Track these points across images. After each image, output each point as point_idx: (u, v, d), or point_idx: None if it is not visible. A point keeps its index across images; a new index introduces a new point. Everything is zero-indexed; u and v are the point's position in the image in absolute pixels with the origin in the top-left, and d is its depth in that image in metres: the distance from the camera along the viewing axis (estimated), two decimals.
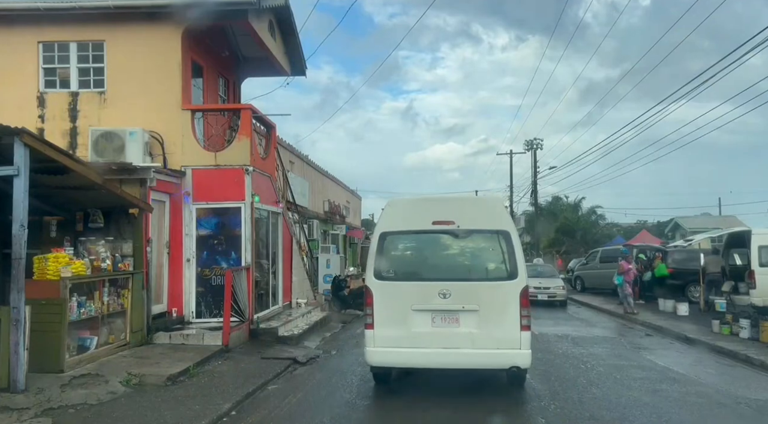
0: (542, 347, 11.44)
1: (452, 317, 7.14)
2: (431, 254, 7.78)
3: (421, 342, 7.12)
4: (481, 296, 7.17)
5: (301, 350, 10.38)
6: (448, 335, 7.12)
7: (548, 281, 21.10)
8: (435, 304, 7.13)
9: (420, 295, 7.23)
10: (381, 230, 7.55)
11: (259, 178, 11.81)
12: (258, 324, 11.18)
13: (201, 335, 9.93)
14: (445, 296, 7.13)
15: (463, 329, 7.10)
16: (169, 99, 11.20)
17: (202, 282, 11.15)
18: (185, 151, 11.22)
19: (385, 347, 7.19)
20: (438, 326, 7.16)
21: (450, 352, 7.13)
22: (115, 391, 6.96)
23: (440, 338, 7.13)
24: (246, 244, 11.18)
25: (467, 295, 7.15)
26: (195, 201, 11.19)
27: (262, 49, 13.76)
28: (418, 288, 7.32)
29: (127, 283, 9.21)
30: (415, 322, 7.15)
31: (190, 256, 11.15)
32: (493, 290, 7.24)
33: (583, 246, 40.93)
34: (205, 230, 11.30)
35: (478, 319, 7.08)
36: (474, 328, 7.07)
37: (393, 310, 7.22)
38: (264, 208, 12.23)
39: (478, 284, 7.29)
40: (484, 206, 8.11)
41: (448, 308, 7.13)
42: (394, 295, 7.28)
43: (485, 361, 7.19)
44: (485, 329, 7.06)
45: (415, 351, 7.15)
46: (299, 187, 19.97)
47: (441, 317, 7.16)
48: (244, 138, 11.28)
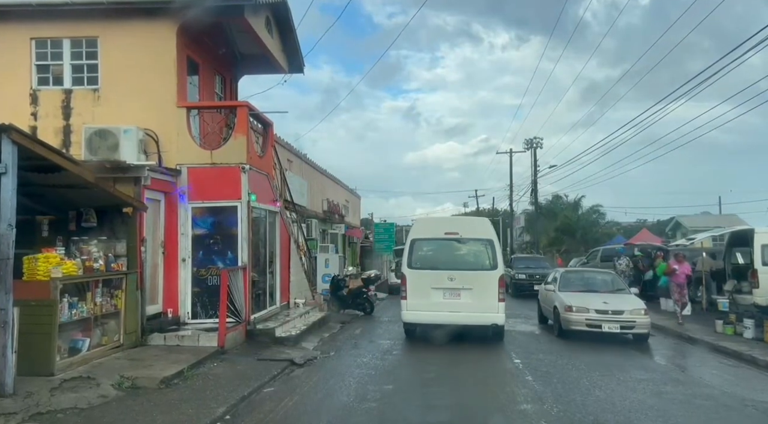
0: (544, 349, 11.30)
1: (456, 293, 11.31)
2: (443, 253, 11.84)
3: (436, 308, 11.29)
4: (475, 280, 11.33)
5: (298, 352, 10.21)
6: (453, 304, 11.26)
7: (619, 301, 12.17)
8: (445, 284, 11.31)
9: (436, 278, 11.39)
10: (411, 238, 12.02)
11: (256, 177, 11.64)
12: (255, 325, 11.00)
13: (196, 336, 9.75)
14: (452, 279, 11.31)
15: (463, 300, 11.26)
16: (165, 96, 11.02)
17: (197, 282, 10.97)
18: (181, 149, 11.03)
19: (414, 311, 11.47)
20: (447, 298, 11.32)
21: (454, 314, 11.28)
22: (107, 394, 6.78)
23: (448, 306, 11.26)
24: (242, 243, 11.01)
25: (466, 279, 11.31)
26: (191, 200, 11.01)
27: (259, 47, 13.58)
28: (435, 274, 11.44)
29: (121, 283, 9.04)
30: (432, 295, 11.34)
31: (186, 255, 10.97)
32: (482, 276, 11.38)
33: (583, 245, 40.75)
34: (200, 229, 11.12)
35: (472, 294, 11.24)
36: (470, 300, 11.25)
37: (419, 287, 11.39)
38: (261, 207, 12.06)
39: (472, 273, 11.42)
40: (477, 223, 13.06)
41: (453, 287, 11.30)
42: (419, 278, 11.47)
43: (476, 320, 11.33)
44: (476, 301, 11.23)
45: (432, 314, 11.36)
46: (298, 186, 19.79)
47: (449, 293, 11.34)
48: (240, 136, 11.10)
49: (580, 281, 13.88)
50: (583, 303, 12.01)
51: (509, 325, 12.85)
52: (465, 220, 15.64)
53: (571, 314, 11.93)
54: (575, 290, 13.10)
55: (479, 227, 12.27)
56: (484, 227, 12.19)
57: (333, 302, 17.49)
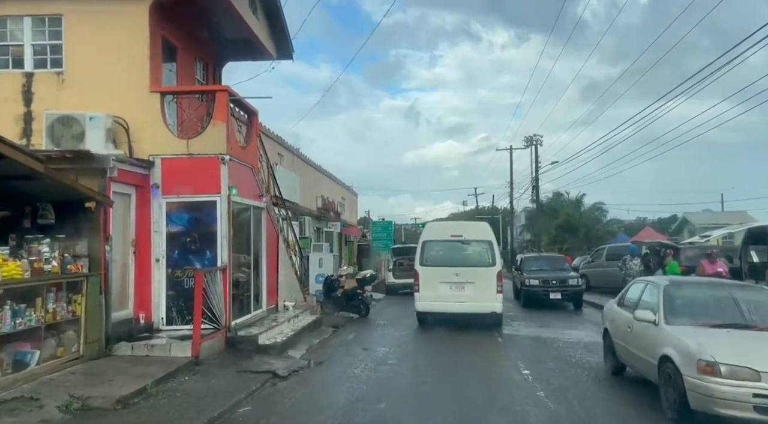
0: (555, 355, 10.29)
1: (461, 286, 12.97)
2: (450, 253, 13.60)
3: (444, 299, 12.94)
4: (476, 275, 13.02)
5: (282, 362, 9.21)
6: (458, 295, 12.92)
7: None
8: (452, 279, 12.96)
9: (444, 274, 13.04)
10: (422, 240, 13.97)
11: (237, 169, 10.64)
12: (236, 331, 10.01)
13: (168, 345, 8.75)
14: (457, 275, 12.99)
15: (467, 293, 12.93)
16: (136, 81, 10.01)
17: (173, 285, 9.97)
18: (154, 138, 10.03)
19: (425, 302, 13.19)
20: (453, 291, 12.94)
21: (459, 304, 12.91)
22: (50, 419, 5.79)
23: (454, 297, 12.91)
24: (222, 241, 10.01)
25: (469, 274, 13.01)
26: (165, 194, 10.01)
27: (243, 30, 12.61)
28: (443, 270, 13.11)
29: (81, 287, 8.04)
30: (440, 288, 12.98)
31: (160, 255, 9.97)
32: (483, 272, 13.06)
33: (586, 243, 39.79)
34: (176, 227, 10.12)
35: (474, 287, 12.92)
36: (472, 292, 12.90)
37: (429, 282, 13.11)
38: (244, 203, 11.06)
39: (474, 269, 13.14)
40: (478, 227, 14.87)
41: (458, 281, 12.97)
42: (430, 274, 13.20)
43: (478, 309, 12.93)
44: (478, 292, 12.88)
45: (441, 303, 13.01)
46: (289, 182, 18.80)
47: (455, 286, 12.97)
48: (219, 123, 10.09)
49: (707, 304, 7.44)
50: (742, 356, 5.82)
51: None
52: (468, 224, 17.20)
53: (714, 380, 5.69)
54: (702, 322, 6.82)
55: (480, 230, 14.33)
56: (484, 230, 14.28)
57: (326, 304, 16.52)
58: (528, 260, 21.08)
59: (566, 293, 17.51)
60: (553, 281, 17.71)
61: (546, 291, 17.52)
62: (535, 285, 17.79)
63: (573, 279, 18.02)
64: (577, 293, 17.73)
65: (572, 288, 17.64)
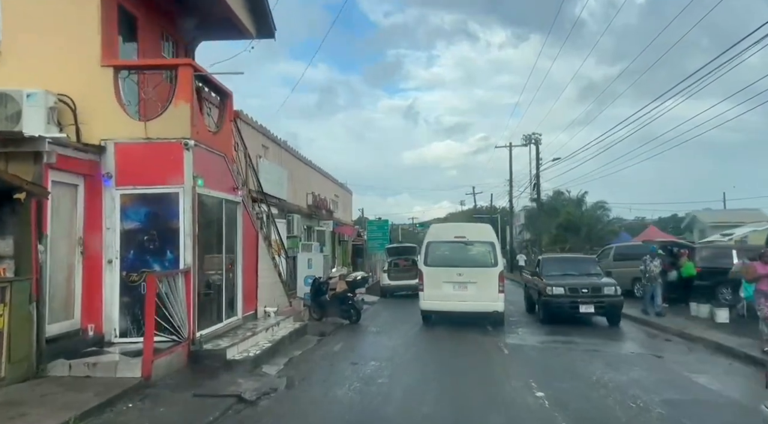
0: (568, 370, 8.91)
1: (464, 286, 13.28)
2: (453, 253, 13.89)
3: (448, 298, 13.27)
4: (479, 275, 13.32)
5: (253, 381, 7.81)
6: (461, 295, 13.22)
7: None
8: (455, 279, 13.32)
9: (447, 274, 13.41)
10: (427, 241, 14.29)
11: (205, 157, 9.26)
12: (201, 344, 8.61)
13: (114, 363, 7.37)
14: (460, 275, 13.31)
15: (469, 292, 13.21)
16: (85, 53, 8.62)
17: (128, 290, 8.57)
18: (107, 120, 8.65)
19: (429, 300, 13.50)
20: (456, 290, 13.26)
21: (462, 303, 13.20)
22: None
23: (458, 297, 13.21)
24: (186, 240, 8.63)
25: (472, 275, 13.32)
26: (119, 185, 8.63)
27: (219, 4, 11.21)
28: (446, 270, 13.46)
29: (3, 295, 6.64)
30: (444, 288, 13.33)
31: (113, 256, 8.58)
32: (485, 272, 13.32)
33: (588, 243, 38.43)
34: (132, 223, 8.73)
35: (477, 287, 13.21)
36: (475, 291, 13.18)
37: (433, 282, 13.43)
38: (214, 195, 9.67)
39: (477, 269, 13.43)
40: (480, 229, 15.25)
41: (462, 281, 13.30)
42: (434, 274, 13.51)
43: (481, 308, 13.16)
44: (480, 292, 13.15)
45: (444, 303, 13.34)
46: (275, 176, 17.42)
47: (458, 286, 13.29)
48: (182, 103, 8.70)
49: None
50: None
51: None
52: (471, 226, 17.42)
53: None
54: None
55: (482, 231, 14.76)
56: (486, 231, 14.71)
57: (314, 309, 15.16)
58: (548, 262, 16.61)
59: (601, 305, 13.72)
60: (584, 290, 13.85)
61: (574, 303, 13.70)
62: (560, 295, 13.85)
63: (609, 287, 14.07)
64: (615, 305, 13.89)
65: (609, 299, 13.81)
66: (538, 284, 15.02)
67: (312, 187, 23.28)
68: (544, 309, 14.25)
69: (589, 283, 14.15)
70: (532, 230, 46.13)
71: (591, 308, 13.66)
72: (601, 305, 13.73)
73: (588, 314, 13.78)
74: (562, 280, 14.33)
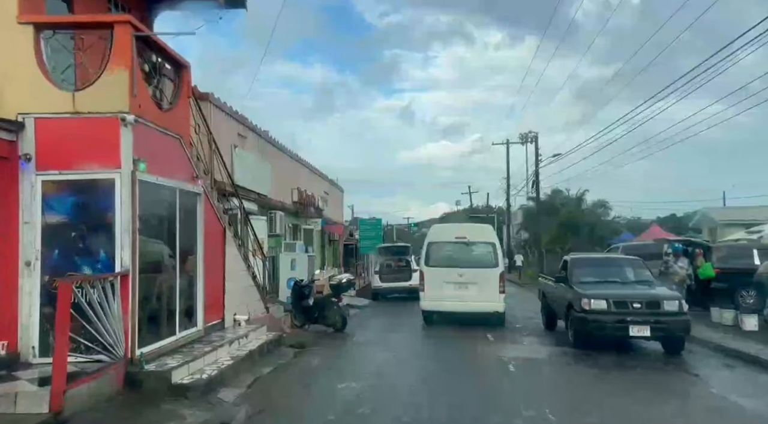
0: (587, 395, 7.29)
1: (465, 286, 13.49)
2: (454, 253, 14.12)
3: (449, 299, 13.50)
4: (480, 276, 13.54)
5: (201, 413, 6.23)
6: (462, 295, 13.44)
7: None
8: (456, 279, 13.54)
9: (448, 274, 13.62)
10: (428, 241, 14.61)
11: (152, 137, 7.66)
12: (142, 364, 7.00)
13: (14, 394, 5.74)
14: (461, 275, 13.53)
15: (470, 292, 13.44)
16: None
17: (51, 298, 6.88)
18: (25, 90, 7.05)
19: (430, 301, 13.77)
20: (457, 290, 13.48)
21: (463, 303, 13.41)
22: None
23: (458, 297, 13.43)
24: (122, 237, 7.02)
25: (473, 275, 13.54)
26: (41, 169, 7.02)
27: None
28: (447, 271, 13.68)
29: None
30: (445, 288, 13.56)
31: (32, 256, 6.97)
32: (486, 273, 13.56)
33: (589, 243, 36.98)
34: (56, 216, 7.12)
35: (478, 287, 13.45)
36: (476, 292, 13.42)
37: (434, 282, 13.69)
38: (164, 184, 8.05)
39: (478, 270, 13.63)
40: (481, 229, 15.57)
41: (462, 281, 13.52)
42: (435, 274, 13.78)
43: (481, 309, 13.41)
44: (481, 292, 13.43)
45: (445, 303, 13.59)
46: (253, 169, 15.83)
47: (459, 286, 13.52)
48: (119, 69, 7.09)
49: None
50: None
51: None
52: (471, 226, 17.40)
53: None
54: None
55: (483, 232, 14.91)
56: (487, 232, 14.92)
57: (296, 315, 13.58)
58: (580, 264, 12.22)
59: (660, 327, 9.85)
60: (636, 304, 10.05)
61: (622, 322, 9.89)
62: (602, 311, 10.03)
63: (671, 301, 10.19)
64: (680, 326, 9.96)
65: (671, 318, 9.93)
66: (567, 294, 11.22)
67: (298, 183, 21.67)
68: (577, 328, 10.42)
69: (642, 294, 10.39)
70: (531, 229, 44.63)
71: (646, 331, 9.81)
72: (660, 326, 9.85)
73: (642, 337, 10.06)
74: (603, 289, 10.64)
